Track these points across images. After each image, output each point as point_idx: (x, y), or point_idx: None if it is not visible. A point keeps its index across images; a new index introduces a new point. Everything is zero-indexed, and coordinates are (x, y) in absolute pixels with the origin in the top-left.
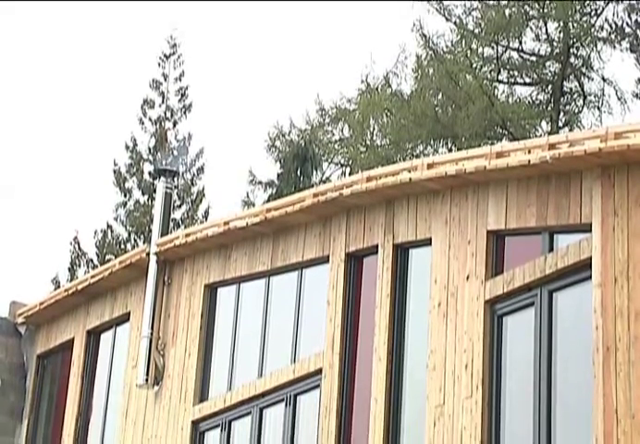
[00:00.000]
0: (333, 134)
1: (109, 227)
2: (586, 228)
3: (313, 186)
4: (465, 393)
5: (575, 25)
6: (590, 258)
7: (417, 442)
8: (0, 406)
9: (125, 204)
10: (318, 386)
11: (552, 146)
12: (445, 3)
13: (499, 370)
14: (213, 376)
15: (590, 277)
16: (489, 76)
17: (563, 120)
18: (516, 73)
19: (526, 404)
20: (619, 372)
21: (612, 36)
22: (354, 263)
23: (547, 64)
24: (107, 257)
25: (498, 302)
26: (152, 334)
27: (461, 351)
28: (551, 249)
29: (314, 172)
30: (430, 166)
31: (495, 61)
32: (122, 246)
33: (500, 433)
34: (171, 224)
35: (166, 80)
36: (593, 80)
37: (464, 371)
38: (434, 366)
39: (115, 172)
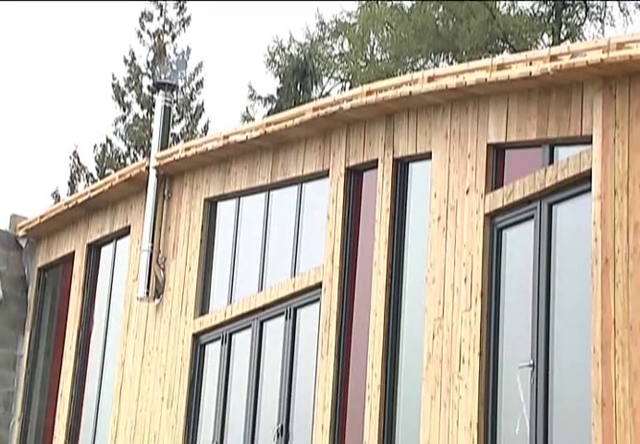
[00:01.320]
0: (333, 48)
1: (108, 141)
2: (587, 141)
3: (312, 101)
4: (464, 306)
5: None
6: (590, 170)
7: (416, 354)
8: (2, 318)
9: (124, 119)
10: (318, 299)
11: (554, 58)
12: None
13: (498, 283)
14: (213, 289)
15: (590, 189)
16: None
17: (565, 33)
18: None
19: (525, 316)
20: (617, 283)
21: None
22: (354, 177)
23: None
24: (107, 171)
25: (498, 215)
26: (152, 247)
27: (461, 265)
28: (551, 162)
29: (314, 87)
30: (430, 79)
31: None
32: (122, 160)
33: (499, 345)
34: (171, 139)
35: None
36: None
37: (463, 284)
38: (433, 279)
39: (113, 86)
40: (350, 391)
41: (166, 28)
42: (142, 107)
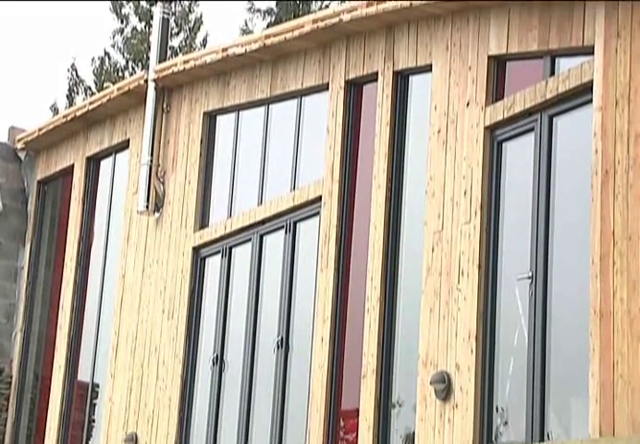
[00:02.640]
0: None
1: (107, 54)
2: (589, 51)
3: (312, 13)
4: (464, 219)
5: None
6: (591, 81)
7: (415, 267)
8: (2, 230)
9: (122, 31)
10: (318, 213)
11: None
12: None
13: (498, 196)
14: (213, 202)
15: (591, 100)
16: None
17: None
18: None
19: (524, 229)
20: (617, 194)
21: None
22: (354, 90)
23: None
24: (105, 85)
25: (498, 127)
26: (151, 161)
27: (460, 178)
28: (552, 73)
29: None
30: None
31: None
32: (120, 74)
33: (498, 258)
34: (169, 52)
35: None
36: None
37: (463, 197)
38: (433, 193)
39: None
40: (350, 304)
41: None
42: (140, 20)
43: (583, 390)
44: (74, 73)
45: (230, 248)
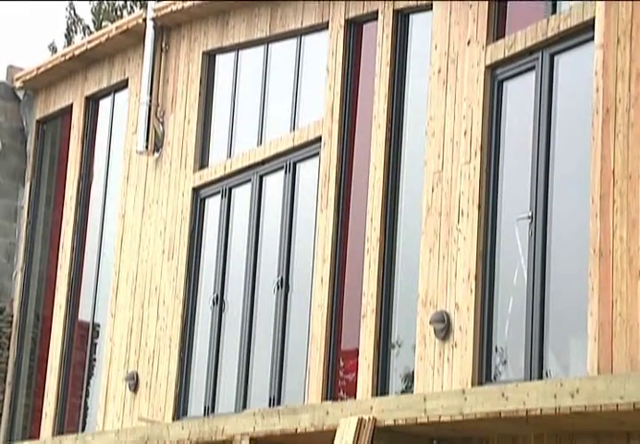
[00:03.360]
0: None
1: None
2: None
3: None
4: (464, 159)
5: None
6: (593, 19)
7: (415, 208)
8: (1, 169)
9: None
10: (318, 154)
11: None
12: None
13: (498, 136)
14: (212, 143)
15: (592, 38)
16: None
17: None
18: None
19: (524, 169)
20: (617, 133)
21: None
22: (354, 29)
23: None
24: (104, 24)
25: (499, 66)
26: (150, 100)
27: (461, 118)
28: (554, 11)
29: None
30: None
31: None
32: (119, 13)
33: (498, 198)
34: None
35: None
36: None
37: (463, 137)
38: (433, 133)
39: None
40: (350, 244)
41: None
42: None
43: (581, 329)
44: (72, 12)
45: (230, 189)
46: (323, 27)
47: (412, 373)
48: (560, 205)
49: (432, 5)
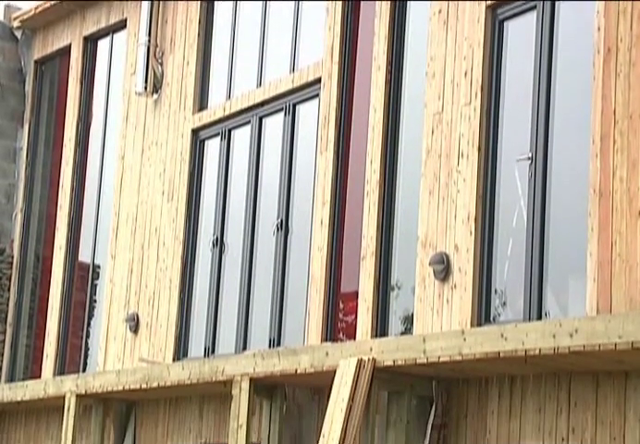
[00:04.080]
0: None
1: None
2: None
3: None
4: (464, 100)
5: None
6: None
7: (415, 150)
8: (0, 110)
9: None
10: (317, 95)
11: None
12: None
13: (499, 77)
14: (212, 85)
15: None
16: None
17: None
18: None
19: (525, 110)
20: (619, 73)
21: None
22: None
23: None
24: None
25: (500, 6)
26: (149, 41)
27: (461, 59)
28: None
29: None
30: None
31: None
32: None
33: (498, 139)
34: None
35: None
36: None
37: (463, 78)
38: (433, 74)
39: None
40: (349, 187)
41: None
42: None
43: (581, 270)
44: None
45: (229, 130)
46: None
47: (412, 315)
48: (560, 146)
49: None
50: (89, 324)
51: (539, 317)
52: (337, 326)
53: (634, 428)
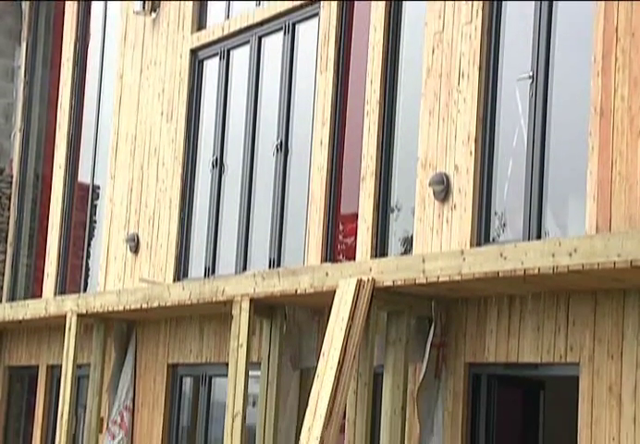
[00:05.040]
0: None
1: None
2: None
3: None
4: (465, 19)
5: None
6: None
7: (415, 69)
8: None
9: None
10: (317, 14)
11: None
12: None
13: None
14: (210, 4)
15: None
16: None
17: None
18: None
19: (526, 29)
20: None
21: None
22: None
23: None
24: None
25: None
26: None
27: None
28: None
29: None
30: None
31: None
32: None
33: (499, 58)
34: None
35: None
36: None
37: None
38: None
39: None
40: (349, 107)
41: None
42: None
43: (581, 189)
44: None
45: (228, 50)
46: None
47: (412, 237)
48: (562, 65)
49: None
50: (89, 244)
51: (539, 237)
52: (336, 247)
53: (632, 346)
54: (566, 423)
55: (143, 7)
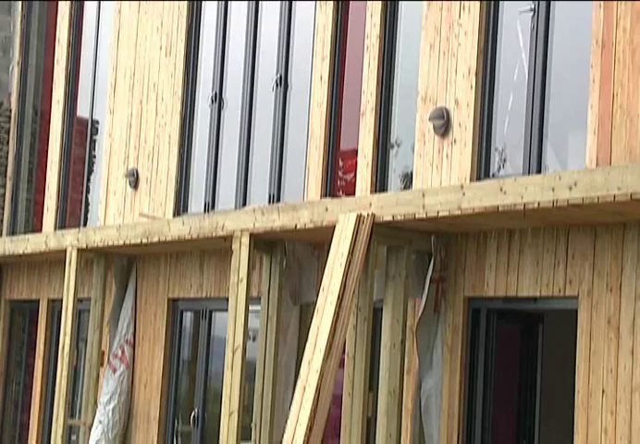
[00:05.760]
0: None
1: None
2: None
3: None
4: None
5: None
6: None
7: (416, 2)
8: None
9: None
10: None
11: None
12: None
13: None
14: None
15: None
16: None
17: None
18: None
19: None
20: None
21: None
22: None
23: None
24: None
25: None
26: None
27: None
28: None
29: None
30: None
31: None
32: None
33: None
34: None
35: None
36: None
37: None
38: None
39: None
40: (349, 41)
41: None
42: None
43: (581, 124)
44: None
45: None
46: None
47: (411, 173)
48: (562, 41)
49: None
50: (89, 179)
51: (539, 172)
52: (336, 183)
53: (631, 278)
54: (564, 356)
55: None
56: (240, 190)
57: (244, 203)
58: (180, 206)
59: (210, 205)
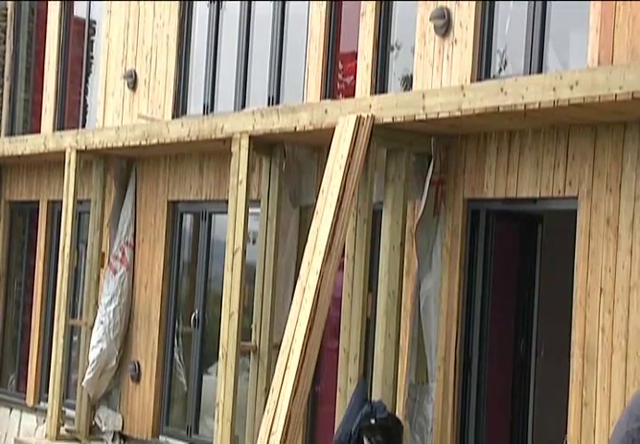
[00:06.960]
0: None
1: None
2: None
3: None
4: None
5: None
6: None
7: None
8: None
9: None
10: None
11: None
12: None
13: None
14: None
15: None
16: None
17: None
18: None
19: None
20: None
21: None
22: None
23: None
24: None
25: None
26: None
27: None
28: None
29: None
30: None
31: None
32: None
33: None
34: None
35: None
36: None
37: None
38: None
39: None
40: None
41: None
42: None
43: (583, 23)
44: None
45: None
46: None
47: (411, 76)
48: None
49: None
50: (87, 80)
51: (540, 72)
52: (336, 86)
53: (630, 179)
54: (563, 256)
55: None
56: (240, 92)
57: (243, 106)
58: (179, 108)
59: (209, 107)
